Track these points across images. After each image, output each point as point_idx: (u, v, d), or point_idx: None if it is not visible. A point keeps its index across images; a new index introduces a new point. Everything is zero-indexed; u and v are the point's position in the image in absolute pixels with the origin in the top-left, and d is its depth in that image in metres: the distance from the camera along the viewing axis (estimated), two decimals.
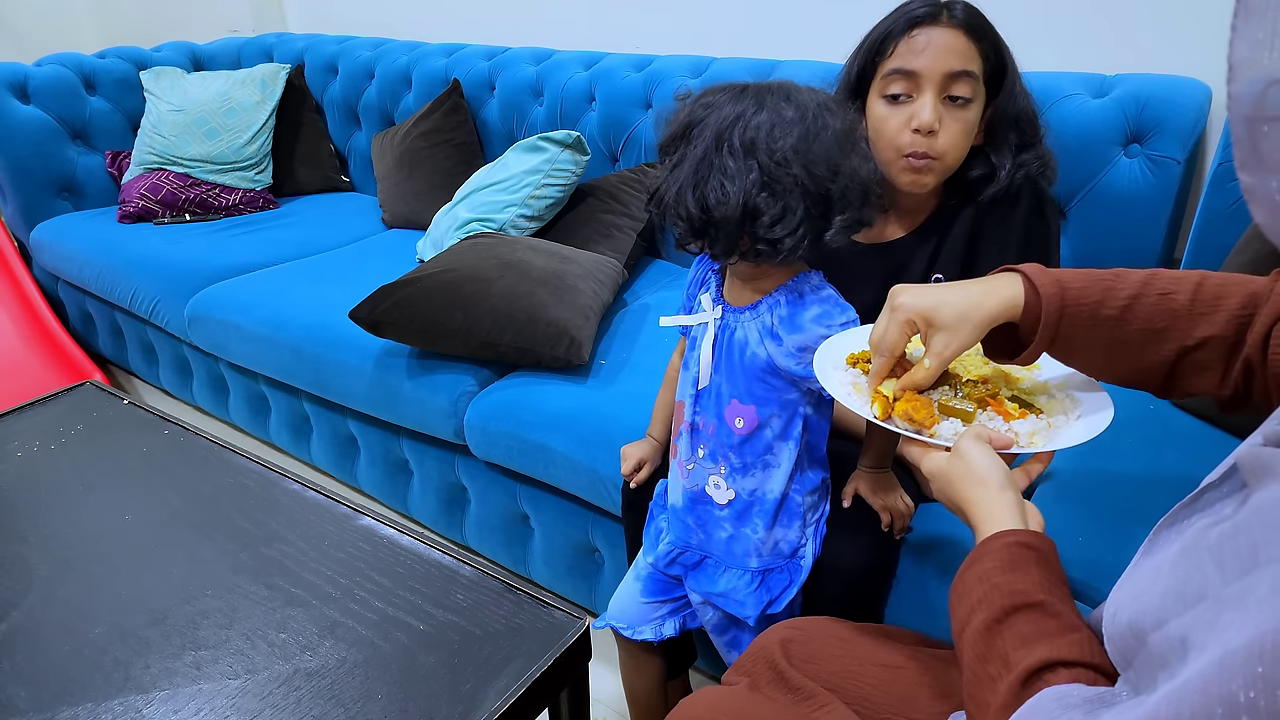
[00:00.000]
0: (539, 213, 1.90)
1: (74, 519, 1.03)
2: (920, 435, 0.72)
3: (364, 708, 0.76)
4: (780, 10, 1.91)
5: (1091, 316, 0.70)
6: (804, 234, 0.83)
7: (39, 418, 1.26)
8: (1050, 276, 0.72)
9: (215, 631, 0.85)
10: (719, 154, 0.83)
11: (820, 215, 0.84)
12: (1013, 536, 0.60)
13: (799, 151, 0.82)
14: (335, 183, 2.64)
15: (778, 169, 0.82)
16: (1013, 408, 0.76)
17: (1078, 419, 0.75)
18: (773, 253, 0.84)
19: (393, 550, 0.95)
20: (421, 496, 1.73)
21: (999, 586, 0.57)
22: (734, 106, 0.84)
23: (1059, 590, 0.57)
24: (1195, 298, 0.69)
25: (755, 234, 0.83)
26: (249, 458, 1.14)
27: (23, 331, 2.39)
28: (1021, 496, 0.65)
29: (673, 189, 0.85)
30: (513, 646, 0.82)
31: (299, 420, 1.95)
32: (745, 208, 0.82)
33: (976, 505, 0.63)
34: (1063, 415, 0.76)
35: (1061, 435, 0.73)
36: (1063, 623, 0.55)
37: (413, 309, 1.51)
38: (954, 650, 0.81)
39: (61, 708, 0.77)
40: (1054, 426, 0.74)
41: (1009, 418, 0.74)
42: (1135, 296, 0.70)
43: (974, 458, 0.65)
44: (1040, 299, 0.70)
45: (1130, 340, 0.69)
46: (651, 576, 1.07)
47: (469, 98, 2.24)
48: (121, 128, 2.55)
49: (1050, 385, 0.81)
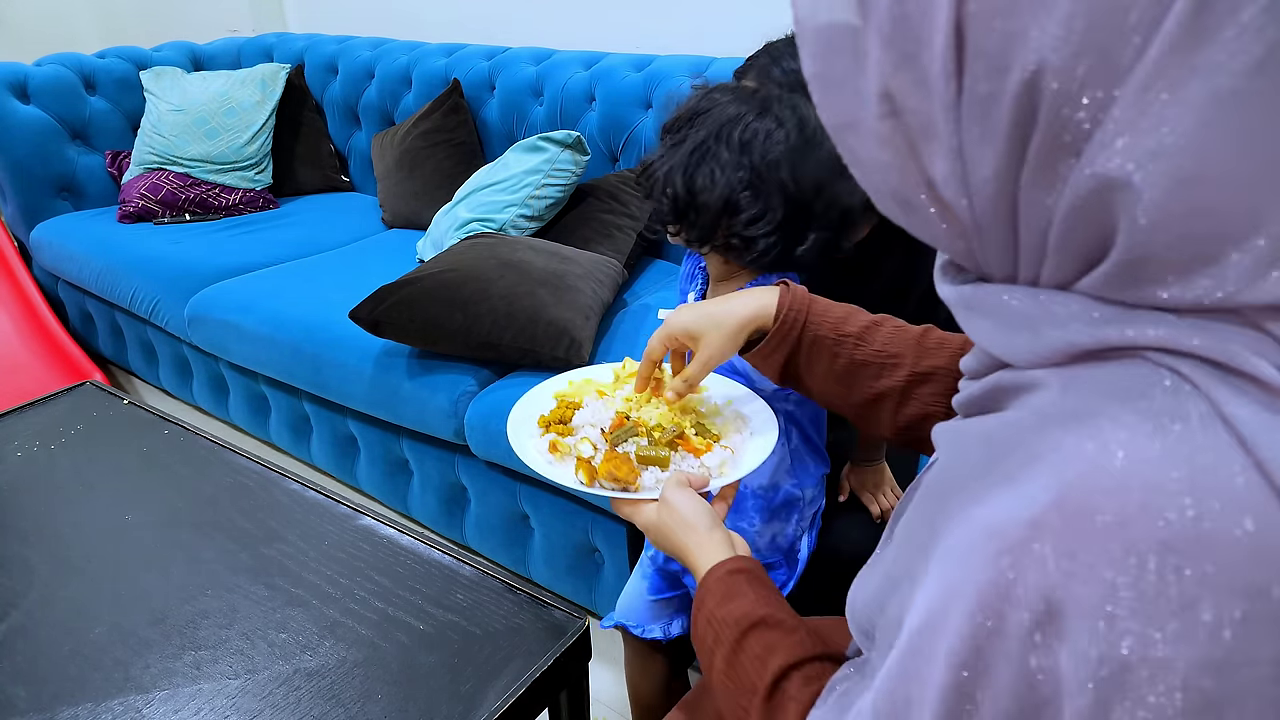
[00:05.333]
0: (539, 213, 1.90)
1: (74, 519, 1.03)
2: (627, 492, 0.73)
3: (364, 707, 0.76)
4: (781, 10, 1.91)
5: (834, 330, 0.74)
6: (777, 240, 0.86)
7: (39, 418, 1.26)
8: (804, 290, 0.76)
9: (215, 631, 0.85)
10: (716, 143, 0.86)
11: (796, 226, 0.87)
12: (723, 567, 0.63)
13: (790, 160, 0.85)
14: (335, 183, 2.64)
15: (766, 171, 0.85)
16: (699, 441, 0.78)
17: (751, 435, 0.81)
18: (745, 250, 0.87)
19: (393, 550, 0.95)
20: (421, 496, 1.73)
21: (724, 621, 0.60)
22: (741, 106, 0.87)
23: (773, 600, 0.61)
24: (925, 334, 0.74)
25: (732, 228, 0.86)
26: (249, 458, 1.13)
27: (23, 331, 2.39)
28: (726, 530, 0.68)
29: (665, 166, 0.89)
30: (513, 646, 0.82)
31: (299, 420, 1.95)
32: (727, 200, 0.85)
33: (691, 549, 0.66)
34: (738, 435, 0.81)
35: (744, 460, 0.77)
36: (784, 629, 0.58)
37: (413, 309, 1.51)
38: None
39: (61, 708, 0.77)
40: (735, 451, 0.78)
41: (699, 453, 0.77)
42: (875, 323, 0.75)
43: (681, 505, 0.68)
44: (790, 300, 0.74)
45: (869, 361, 0.73)
46: (656, 574, 1.07)
47: (469, 98, 2.24)
48: (121, 127, 2.55)
49: (719, 405, 0.85)
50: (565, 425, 0.81)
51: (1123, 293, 0.36)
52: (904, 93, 0.37)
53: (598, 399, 0.85)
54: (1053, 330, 0.38)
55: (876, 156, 0.40)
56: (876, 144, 0.39)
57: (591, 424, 0.80)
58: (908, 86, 0.36)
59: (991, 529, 0.36)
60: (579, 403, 0.84)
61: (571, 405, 0.83)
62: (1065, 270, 0.37)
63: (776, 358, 0.75)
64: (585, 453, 0.76)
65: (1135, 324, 0.36)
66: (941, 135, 0.36)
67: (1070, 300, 0.37)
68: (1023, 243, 0.38)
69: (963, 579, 0.37)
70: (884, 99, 0.38)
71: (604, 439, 0.78)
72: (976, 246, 0.40)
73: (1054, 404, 0.38)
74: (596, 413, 0.82)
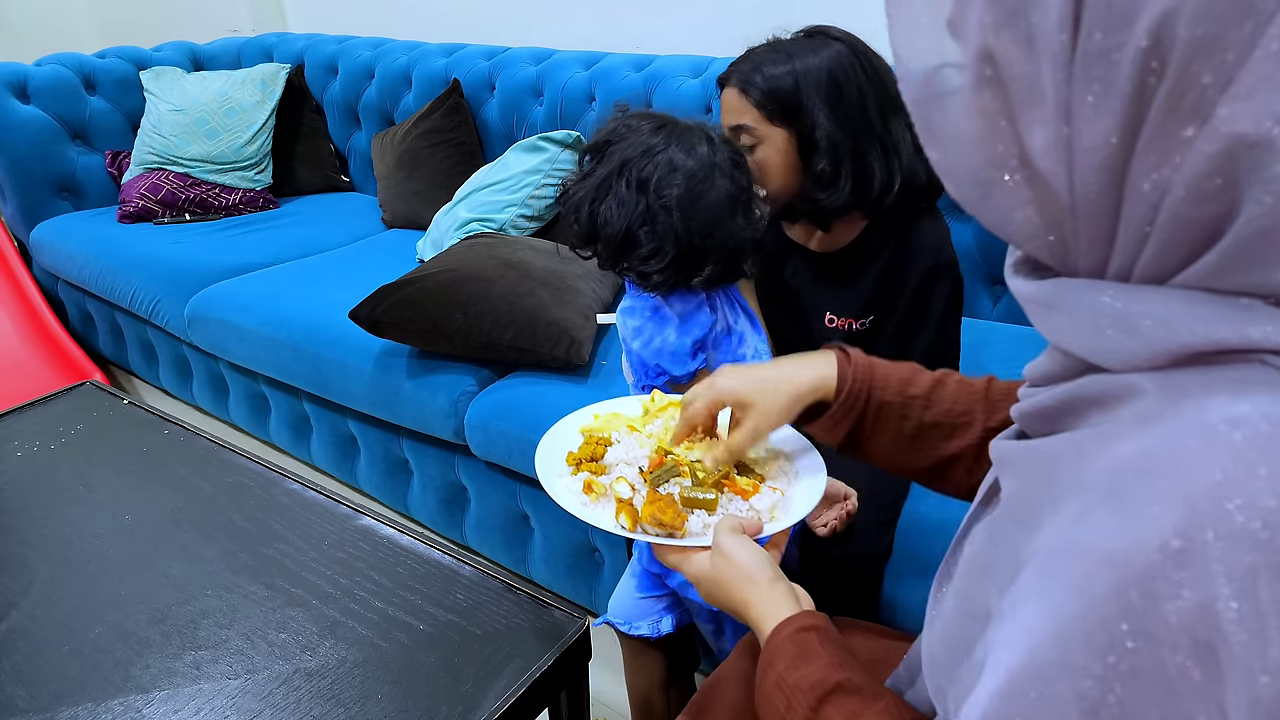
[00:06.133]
0: (539, 213, 1.90)
1: (74, 519, 1.03)
2: (674, 538, 0.68)
3: (364, 707, 0.76)
4: (780, 11, 1.91)
5: (900, 394, 0.69)
6: (671, 275, 0.92)
7: (39, 418, 1.26)
8: (861, 354, 0.72)
9: (215, 631, 0.85)
10: (618, 180, 0.91)
11: (689, 262, 0.92)
12: (791, 625, 0.58)
13: (681, 204, 0.90)
14: (335, 183, 2.64)
15: (661, 213, 0.90)
16: (746, 482, 0.73)
17: (797, 475, 0.76)
18: (643, 282, 0.94)
19: (393, 550, 0.95)
20: (421, 496, 1.73)
21: (798, 686, 0.55)
22: (649, 138, 0.92)
23: (849, 662, 0.56)
24: (990, 386, 0.70)
25: (630, 262, 0.92)
26: (249, 458, 1.13)
27: (23, 331, 2.39)
28: (788, 581, 0.63)
29: (578, 193, 0.95)
30: (513, 646, 0.82)
31: (299, 420, 1.95)
32: (626, 235, 0.91)
33: (753, 605, 0.61)
34: (783, 476, 0.76)
35: (796, 504, 0.72)
36: (865, 696, 0.54)
37: (413, 309, 1.51)
38: None
39: (61, 707, 0.77)
40: (785, 494, 0.73)
41: (746, 495, 0.72)
42: (938, 381, 0.70)
43: (738, 555, 0.63)
44: (851, 369, 0.70)
45: (939, 422, 0.69)
46: (644, 573, 1.08)
47: (469, 98, 2.24)
48: (121, 127, 2.55)
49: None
50: (597, 463, 0.76)
51: (1234, 278, 0.32)
52: (1007, 52, 0.34)
53: (629, 434, 0.79)
54: (1156, 329, 0.34)
55: (962, 130, 0.37)
56: (964, 116, 0.37)
57: (627, 461, 0.75)
58: (1013, 44, 0.34)
59: (1109, 556, 0.32)
60: (609, 439, 0.79)
61: (602, 441, 0.78)
62: (1166, 259, 0.34)
63: (840, 430, 0.71)
64: (623, 494, 0.71)
65: (1256, 322, 0.32)
66: (1048, 98, 0.33)
67: (1173, 295, 0.34)
68: (1124, 224, 0.34)
69: (1079, 613, 0.33)
70: (983, 60, 0.35)
71: (643, 479, 0.73)
72: (1069, 231, 0.36)
73: (1158, 412, 0.34)
74: (631, 449, 0.77)
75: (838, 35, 1.04)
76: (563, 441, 0.81)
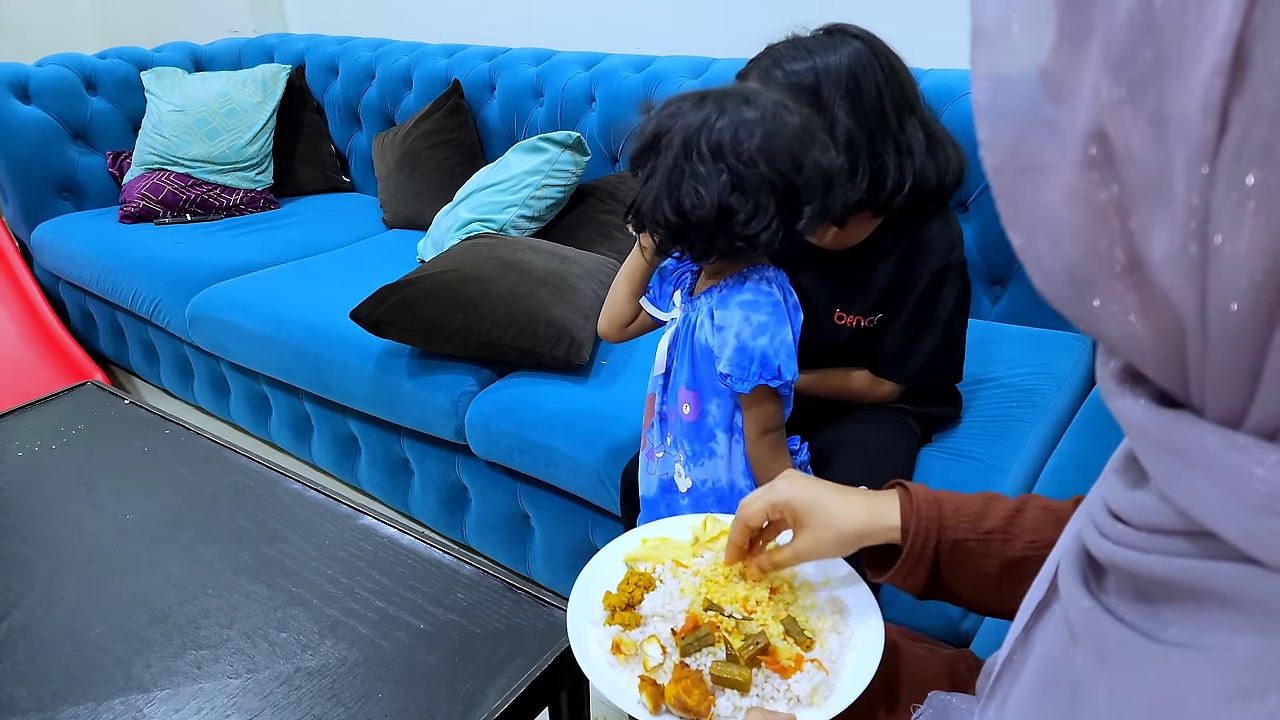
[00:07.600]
0: (539, 213, 1.91)
1: (75, 519, 1.03)
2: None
3: (364, 707, 0.76)
4: (781, 11, 1.91)
5: (974, 530, 0.63)
6: (777, 227, 0.87)
7: (40, 418, 1.26)
8: (925, 491, 0.66)
9: (216, 631, 0.85)
10: (689, 160, 0.87)
11: (790, 208, 0.88)
12: None
13: (763, 150, 0.86)
14: (336, 183, 2.64)
15: (746, 169, 0.86)
16: (787, 654, 0.67)
17: (849, 643, 0.70)
18: (750, 248, 0.89)
19: (393, 549, 0.95)
20: (422, 496, 1.73)
21: None
22: (698, 113, 0.88)
23: None
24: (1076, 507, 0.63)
25: (732, 232, 0.87)
26: (250, 457, 1.14)
27: (24, 331, 2.39)
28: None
29: (649, 199, 0.89)
30: (513, 646, 0.82)
31: (300, 420, 1.95)
32: (720, 208, 0.86)
33: None
34: (834, 634, 0.71)
35: (840, 690, 0.66)
36: None
37: (413, 309, 1.51)
38: (937, 645, 0.81)
39: (62, 707, 0.77)
40: (830, 671, 0.67)
41: (786, 673, 0.66)
42: (1017, 509, 0.63)
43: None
44: (915, 510, 0.65)
45: (1026, 557, 0.61)
46: None
47: (469, 98, 2.24)
48: (122, 128, 2.56)
49: (812, 582, 0.76)
50: (632, 611, 0.73)
51: None
52: (1127, 134, 0.26)
53: (673, 572, 0.76)
54: None
55: (1060, 216, 0.29)
56: (1065, 201, 0.28)
57: (662, 616, 0.72)
58: (1135, 125, 0.26)
59: None
60: (650, 579, 0.76)
61: (641, 582, 0.75)
62: None
63: (915, 578, 0.65)
64: (653, 657, 0.67)
65: None
66: (1177, 195, 0.25)
67: None
68: (1275, 368, 0.26)
69: None
70: (1095, 139, 0.27)
71: (674, 640, 0.69)
72: (1193, 354, 0.27)
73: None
74: (670, 599, 0.73)
75: (857, 33, 1.04)
76: (605, 573, 0.78)
